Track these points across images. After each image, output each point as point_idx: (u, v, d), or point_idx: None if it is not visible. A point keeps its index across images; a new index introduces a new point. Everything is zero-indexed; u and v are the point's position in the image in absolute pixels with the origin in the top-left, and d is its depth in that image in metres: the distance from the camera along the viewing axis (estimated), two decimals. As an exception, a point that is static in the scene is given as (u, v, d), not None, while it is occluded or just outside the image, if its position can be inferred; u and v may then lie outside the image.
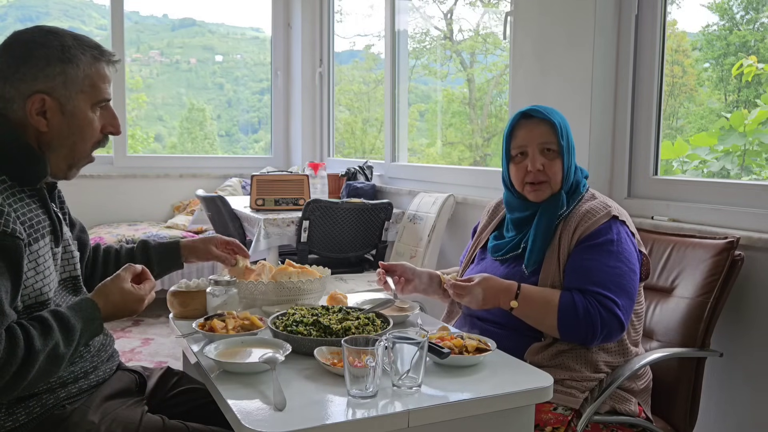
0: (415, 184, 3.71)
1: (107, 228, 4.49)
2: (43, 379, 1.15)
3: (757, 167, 2.50)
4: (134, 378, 1.48)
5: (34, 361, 1.09)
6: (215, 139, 6.60)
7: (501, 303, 1.54)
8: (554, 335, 1.54)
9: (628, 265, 1.54)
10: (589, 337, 1.50)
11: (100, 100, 1.29)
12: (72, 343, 1.17)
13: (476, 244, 1.87)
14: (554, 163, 1.62)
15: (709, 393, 1.86)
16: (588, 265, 1.54)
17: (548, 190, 1.63)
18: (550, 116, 1.63)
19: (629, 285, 1.53)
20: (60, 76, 1.23)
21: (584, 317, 1.48)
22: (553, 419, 1.47)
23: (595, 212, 1.58)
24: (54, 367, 1.15)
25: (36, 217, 1.22)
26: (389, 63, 4.07)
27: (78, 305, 1.23)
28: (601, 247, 1.54)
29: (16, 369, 1.07)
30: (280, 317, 1.50)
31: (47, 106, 1.23)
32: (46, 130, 1.24)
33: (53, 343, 1.13)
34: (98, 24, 6.28)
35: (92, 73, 1.27)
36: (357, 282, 3.14)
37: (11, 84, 1.22)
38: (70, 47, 1.24)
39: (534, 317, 1.54)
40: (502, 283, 1.56)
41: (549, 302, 1.52)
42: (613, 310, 1.49)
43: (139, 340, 3.68)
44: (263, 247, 3.12)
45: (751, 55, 2.36)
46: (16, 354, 1.06)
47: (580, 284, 1.53)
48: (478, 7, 4.36)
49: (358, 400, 1.13)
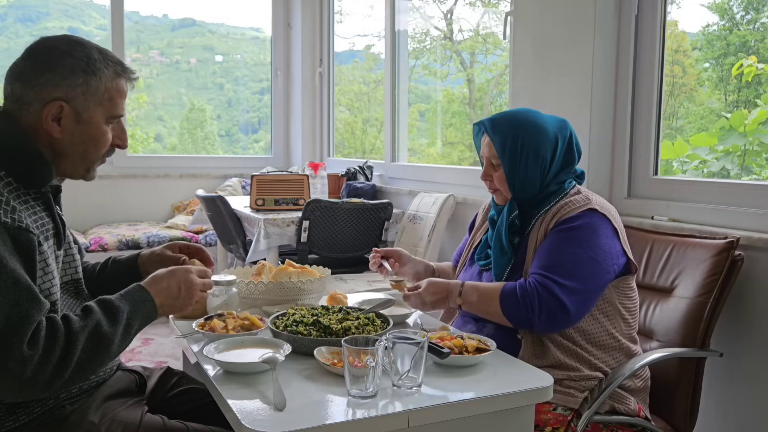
0: (415, 184, 3.71)
1: (107, 228, 4.49)
2: (97, 361, 1.16)
3: (757, 167, 2.50)
4: (134, 378, 1.48)
5: (75, 341, 1.11)
6: (215, 139, 6.60)
7: (450, 302, 1.62)
8: (504, 323, 1.56)
9: (589, 253, 1.53)
10: (529, 316, 1.51)
11: (115, 115, 1.31)
12: (118, 323, 1.18)
13: (470, 244, 1.89)
14: (498, 175, 1.68)
15: (709, 393, 1.86)
16: (547, 249, 1.57)
17: (502, 196, 1.71)
18: (492, 132, 1.67)
19: (584, 271, 1.52)
20: (81, 87, 1.25)
21: (522, 298, 1.51)
22: (552, 419, 1.47)
23: (573, 204, 1.61)
24: (103, 347, 1.15)
25: (40, 220, 1.23)
26: (389, 63, 4.07)
27: (126, 291, 1.26)
28: (567, 232, 1.57)
29: (59, 353, 1.09)
30: (280, 317, 1.50)
31: (64, 113, 1.24)
32: (59, 137, 1.25)
33: (93, 322, 1.15)
34: (98, 24, 6.28)
35: (112, 88, 1.29)
36: (357, 282, 3.14)
37: (32, 88, 1.23)
38: (95, 60, 1.26)
39: (480, 309, 1.59)
40: (445, 285, 1.63)
41: (491, 291, 1.57)
42: (551, 289, 1.49)
43: (139, 340, 3.67)
44: (263, 247, 3.12)
45: (751, 55, 2.36)
46: (57, 339, 1.10)
47: (534, 269, 1.56)
48: (478, 7, 4.36)
49: (358, 400, 1.13)
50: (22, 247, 1.13)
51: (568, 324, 1.55)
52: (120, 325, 1.19)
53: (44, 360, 1.08)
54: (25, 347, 1.06)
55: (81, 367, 1.13)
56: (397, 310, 1.68)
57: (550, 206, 1.64)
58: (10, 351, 1.05)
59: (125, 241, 4.15)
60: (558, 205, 1.63)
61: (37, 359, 1.07)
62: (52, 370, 1.09)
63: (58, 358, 1.09)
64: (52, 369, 1.09)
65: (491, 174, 1.70)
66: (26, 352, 1.06)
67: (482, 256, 1.77)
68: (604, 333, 1.59)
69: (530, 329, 1.55)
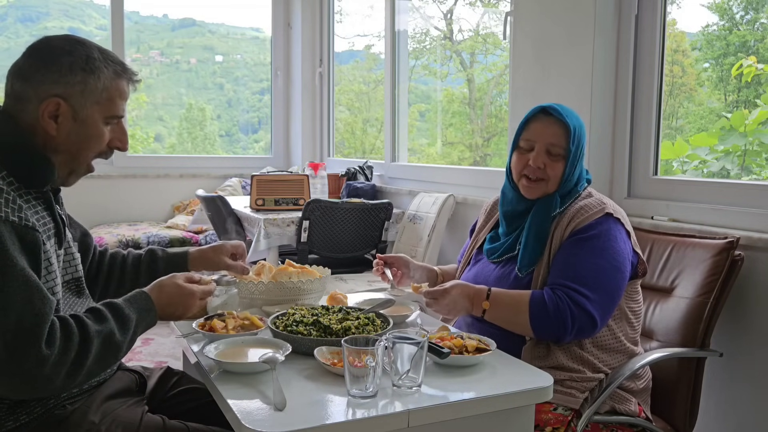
0: (415, 184, 3.71)
1: (107, 228, 4.49)
2: (103, 367, 1.18)
3: (757, 167, 2.50)
4: (134, 378, 1.48)
5: (90, 345, 1.12)
6: (215, 139, 6.61)
7: (473, 307, 1.55)
8: (528, 335, 1.54)
9: (611, 262, 1.53)
10: (561, 333, 1.49)
11: (113, 115, 1.30)
12: (127, 332, 1.20)
13: (473, 244, 1.88)
14: (556, 165, 1.62)
15: (709, 393, 1.86)
16: (569, 260, 1.54)
17: (542, 189, 1.63)
18: (567, 118, 1.62)
19: (609, 282, 1.52)
20: (79, 85, 1.24)
21: (554, 314, 1.48)
22: (553, 419, 1.47)
23: (590, 208, 1.59)
24: (111, 355, 1.17)
25: (42, 219, 1.23)
26: (389, 63, 4.07)
27: (132, 297, 1.27)
28: (587, 242, 1.54)
29: (74, 355, 1.10)
30: (280, 317, 1.50)
31: (61, 110, 1.24)
32: (55, 134, 1.25)
33: (108, 330, 1.17)
34: (98, 24, 6.28)
35: (111, 88, 1.28)
36: (357, 282, 3.14)
37: (30, 84, 1.23)
38: (95, 59, 1.26)
39: (506, 318, 1.54)
40: (472, 287, 1.57)
41: (519, 302, 1.52)
42: (583, 305, 1.48)
43: (139, 339, 3.65)
44: (263, 247, 3.12)
45: (751, 55, 2.36)
46: (72, 340, 1.11)
47: (558, 279, 1.53)
48: (478, 7, 4.37)
49: (358, 400, 1.13)
50: (28, 245, 1.13)
51: (592, 335, 1.55)
52: (129, 334, 1.21)
53: (60, 361, 1.08)
54: (43, 346, 1.06)
55: (90, 371, 1.14)
56: (397, 310, 1.68)
57: (565, 208, 1.63)
58: (28, 349, 1.05)
59: (125, 241, 4.15)
60: (573, 210, 1.60)
61: (54, 359, 1.07)
62: (66, 372, 1.09)
63: (73, 360, 1.10)
64: (67, 370, 1.09)
65: (546, 163, 1.61)
66: (44, 351, 1.06)
67: (493, 250, 1.73)
68: (610, 336, 1.59)
69: (555, 342, 1.54)
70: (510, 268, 1.66)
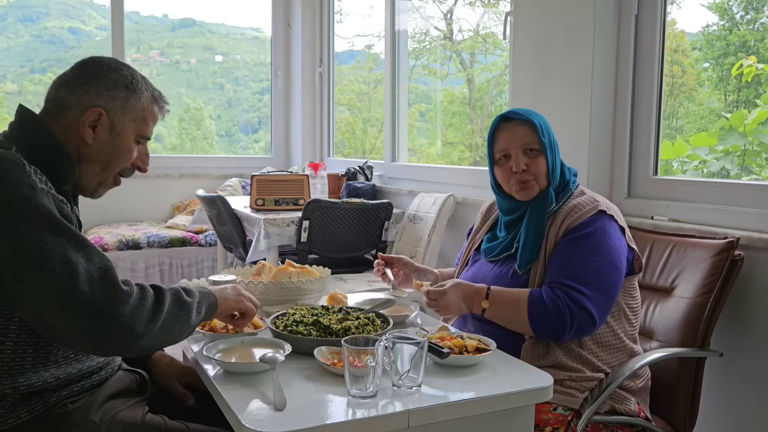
0: (415, 184, 3.71)
1: (107, 228, 4.49)
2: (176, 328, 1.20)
3: (757, 167, 2.50)
4: (135, 378, 1.48)
5: (163, 296, 1.18)
6: (215, 139, 6.61)
7: (474, 306, 1.56)
8: (528, 333, 1.54)
9: (608, 258, 1.54)
10: (560, 331, 1.50)
11: (144, 135, 1.38)
12: (193, 297, 1.26)
13: (470, 246, 1.88)
14: (538, 161, 1.64)
15: (709, 393, 1.86)
16: (566, 259, 1.55)
17: (536, 188, 1.65)
18: (529, 117, 1.65)
19: (606, 279, 1.53)
20: (121, 100, 1.33)
21: (553, 312, 1.49)
22: (552, 419, 1.47)
23: (583, 206, 1.60)
24: (185, 313, 1.21)
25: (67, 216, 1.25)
26: (389, 63, 4.07)
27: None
28: (583, 240, 1.55)
29: (151, 302, 1.15)
30: (280, 317, 1.50)
31: (101, 120, 1.31)
32: (90, 143, 1.31)
33: (174, 290, 1.23)
34: (98, 24, 6.28)
35: (147, 109, 1.37)
36: (357, 282, 3.14)
37: (75, 93, 1.30)
38: (138, 81, 1.36)
39: (505, 317, 1.56)
40: (472, 286, 1.58)
41: (518, 300, 1.53)
42: (582, 303, 1.49)
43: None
44: (263, 247, 3.12)
45: (751, 55, 2.36)
46: (145, 288, 1.17)
47: (555, 277, 1.54)
48: (478, 7, 4.37)
49: (358, 400, 1.13)
50: (66, 218, 1.18)
51: (592, 332, 1.56)
52: (195, 300, 1.25)
53: (140, 304, 1.13)
54: (120, 285, 1.12)
55: (165, 326, 1.17)
56: (397, 310, 1.68)
57: (559, 206, 1.64)
58: (112, 289, 1.10)
59: (125, 241, 4.15)
60: (566, 208, 1.62)
61: (134, 301, 1.12)
62: (147, 317, 1.13)
63: (151, 305, 1.15)
64: (147, 315, 1.13)
65: (528, 162, 1.63)
66: (124, 288, 1.12)
67: (490, 249, 1.74)
68: (609, 334, 1.59)
69: (555, 341, 1.55)
70: (507, 267, 1.67)
